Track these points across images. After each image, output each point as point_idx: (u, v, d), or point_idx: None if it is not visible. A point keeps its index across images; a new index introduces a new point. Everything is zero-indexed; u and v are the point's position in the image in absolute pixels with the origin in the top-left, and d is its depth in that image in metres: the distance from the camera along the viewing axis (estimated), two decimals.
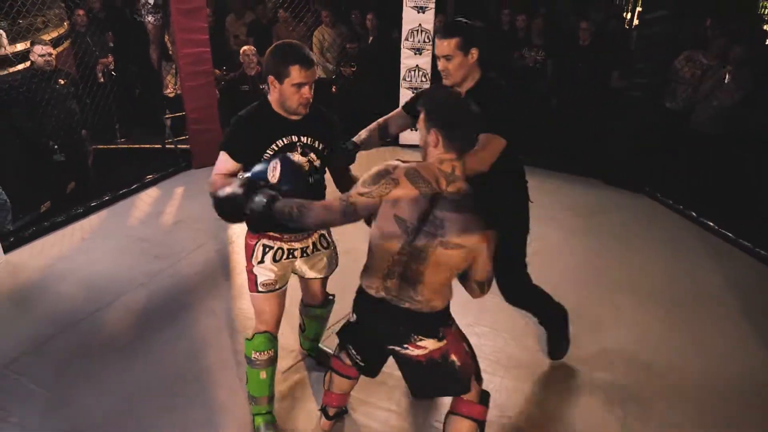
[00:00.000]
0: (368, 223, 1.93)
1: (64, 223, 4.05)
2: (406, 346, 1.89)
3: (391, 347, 1.94)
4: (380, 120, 2.53)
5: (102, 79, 5.26)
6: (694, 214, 4.41)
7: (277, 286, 2.24)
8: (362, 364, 2.12)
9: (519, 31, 5.61)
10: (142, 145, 5.63)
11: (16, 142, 4.26)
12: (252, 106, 2.15)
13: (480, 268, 1.85)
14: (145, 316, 3.12)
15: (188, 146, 5.05)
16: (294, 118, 2.09)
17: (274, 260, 2.22)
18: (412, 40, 5.19)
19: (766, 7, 8.37)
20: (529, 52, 5.41)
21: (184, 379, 2.68)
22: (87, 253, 3.74)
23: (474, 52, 2.20)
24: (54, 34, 4.83)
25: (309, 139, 2.13)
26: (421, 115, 1.80)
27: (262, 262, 2.22)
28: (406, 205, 1.75)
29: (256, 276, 2.23)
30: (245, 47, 5.27)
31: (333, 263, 2.44)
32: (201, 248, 3.79)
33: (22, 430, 2.39)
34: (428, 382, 1.98)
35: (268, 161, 1.94)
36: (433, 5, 5.06)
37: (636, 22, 7.66)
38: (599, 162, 5.01)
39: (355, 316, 2.01)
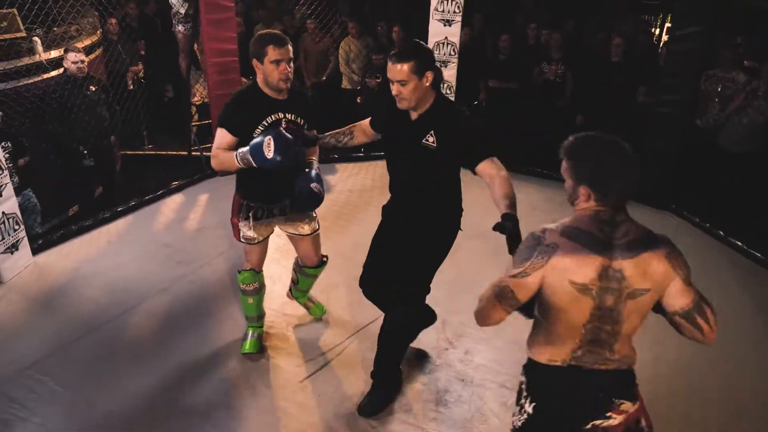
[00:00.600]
0: (528, 314, 1.68)
1: (91, 227, 4.12)
2: (608, 415, 1.58)
3: (589, 425, 1.58)
4: (349, 126, 2.62)
5: (131, 86, 5.38)
6: (721, 233, 4.32)
7: (255, 241, 2.70)
8: None
9: (544, 45, 5.58)
10: (169, 152, 5.72)
11: (48, 146, 4.36)
12: (243, 88, 2.57)
13: (676, 297, 1.56)
14: (168, 321, 3.16)
15: None
16: (279, 97, 2.45)
17: (255, 218, 2.64)
18: (438, 52, 5.19)
19: None
20: (548, 66, 5.37)
21: (205, 383, 2.70)
22: (112, 257, 3.80)
23: (429, 76, 2.18)
24: (87, 42, 4.95)
25: (292, 115, 2.49)
26: (564, 164, 1.60)
27: (246, 219, 2.64)
28: (578, 268, 1.49)
29: (240, 229, 2.68)
30: None
31: (314, 224, 2.80)
32: (222, 255, 3.83)
33: (45, 431, 2.42)
34: None
35: (263, 137, 2.25)
36: (459, 19, 5.07)
37: (665, 37, 7.59)
38: None
39: (532, 404, 1.65)
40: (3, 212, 3.43)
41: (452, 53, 5.15)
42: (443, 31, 5.14)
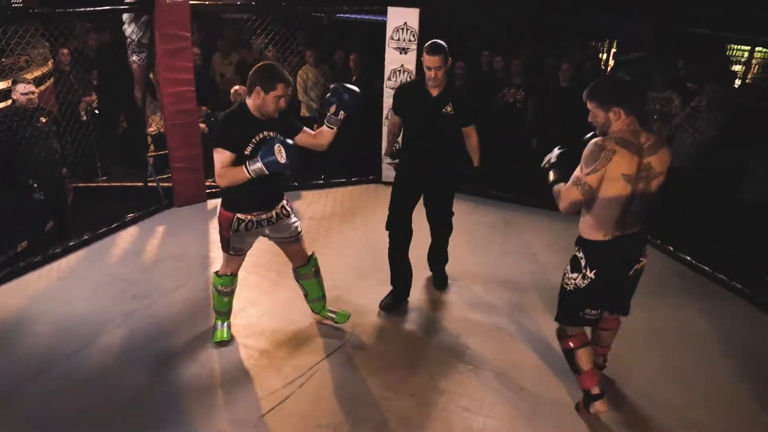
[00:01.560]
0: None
1: (40, 263, 3.97)
2: (641, 258, 2.53)
3: (633, 268, 2.52)
4: (390, 128, 3.67)
5: (85, 117, 5.26)
6: (671, 248, 4.47)
7: (242, 252, 3.03)
8: (597, 318, 2.66)
9: (497, 72, 5.74)
10: (124, 183, 5.60)
11: None
12: (232, 109, 2.83)
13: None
14: (122, 359, 3.05)
15: (171, 184, 5.03)
16: (264, 118, 2.75)
17: (246, 229, 2.90)
18: (394, 80, 5.28)
19: (733, 49, 8.71)
20: (509, 90, 5.52)
21: (164, 426, 2.60)
22: (63, 293, 3.66)
23: (449, 62, 3.20)
24: (37, 73, 4.84)
25: (274, 133, 2.78)
26: (592, 104, 2.41)
27: (237, 231, 2.89)
28: (626, 164, 2.29)
29: (230, 243, 2.94)
30: (237, 87, 5.34)
31: (297, 227, 3.09)
32: (182, 288, 3.74)
33: None
34: (634, 287, 2.65)
35: (269, 148, 2.60)
36: (415, 47, 5.17)
37: (612, 62, 7.92)
38: None
39: (593, 270, 2.47)
40: None
41: (408, 80, 5.23)
42: (399, 59, 5.24)
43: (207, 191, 5.19)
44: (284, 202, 3.03)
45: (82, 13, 4.46)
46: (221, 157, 2.67)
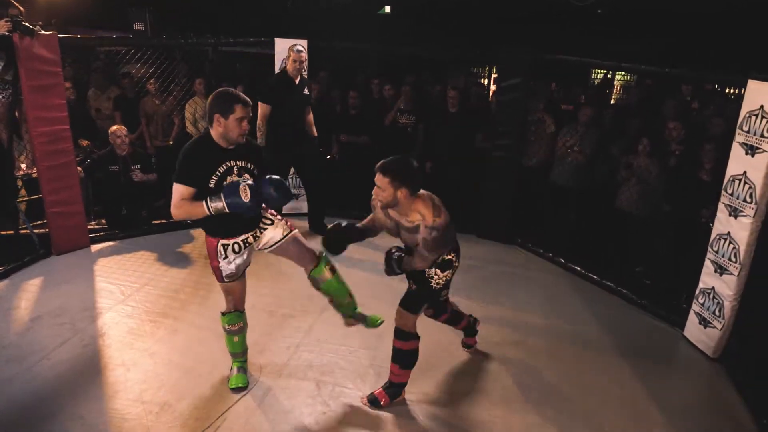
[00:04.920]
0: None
1: None
2: None
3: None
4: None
5: None
6: (562, 260, 4.78)
7: (236, 277, 2.89)
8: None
9: (387, 99, 5.89)
10: None
11: None
12: (194, 140, 2.74)
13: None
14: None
15: (47, 230, 4.60)
16: (230, 147, 2.66)
17: (235, 252, 2.82)
18: None
19: (599, 73, 9.63)
20: (401, 116, 5.68)
21: None
22: None
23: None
24: None
25: (243, 162, 2.71)
26: (386, 181, 2.61)
27: (225, 257, 2.81)
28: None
29: (221, 270, 2.84)
30: (115, 127, 5.03)
31: (285, 227, 2.94)
32: (65, 345, 3.39)
33: None
34: None
35: (234, 187, 2.57)
36: (305, 75, 5.17)
37: (493, 87, 8.42)
38: (472, 218, 5.29)
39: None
40: None
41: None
42: None
43: (90, 236, 4.81)
44: (265, 214, 2.92)
45: None
46: (180, 191, 2.59)
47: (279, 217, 2.98)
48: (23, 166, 4.93)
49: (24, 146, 4.73)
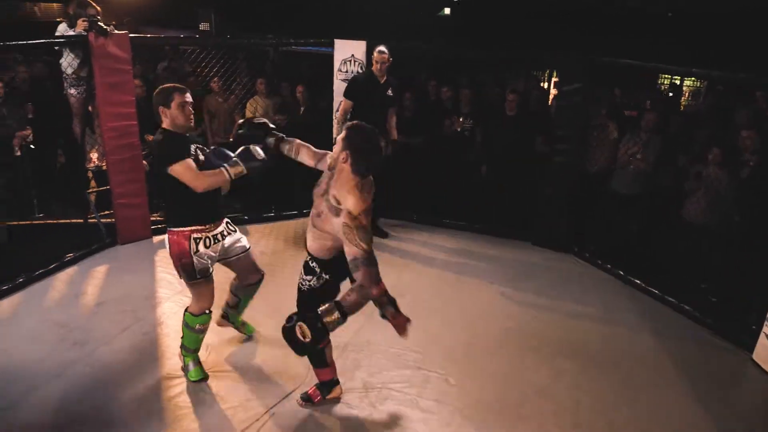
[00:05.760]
0: None
1: None
2: None
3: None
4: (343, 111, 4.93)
5: (19, 152, 5.00)
6: (621, 272, 4.60)
7: (209, 272, 2.97)
8: None
9: (445, 102, 5.84)
10: (63, 221, 5.31)
11: None
12: (164, 136, 2.85)
13: None
14: (63, 411, 2.84)
15: (113, 221, 4.81)
16: (186, 133, 2.89)
17: (206, 246, 2.92)
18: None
19: (666, 79, 9.25)
20: (458, 119, 5.63)
21: None
22: None
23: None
24: None
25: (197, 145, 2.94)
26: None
27: (197, 251, 2.89)
28: None
29: (194, 266, 2.89)
30: None
31: (245, 242, 3.16)
32: (126, 332, 3.54)
33: None
34: None
35: (244, 150, 2.77)
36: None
37: (553, 90, 8.23)
38: (528, 224, 5.18)
39: (326, 275, 2.61)
40: None
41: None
42: None
43: (152, 227, 5.00)
44: (227, 219, 3.11)
45: (15, 45, 4.26)
46: (188, 164, 2.75)
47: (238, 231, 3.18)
48: (94, 158, 5.18)
49: (96, 140, 4.97)
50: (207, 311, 3.03)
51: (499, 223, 5.37)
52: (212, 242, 2.96)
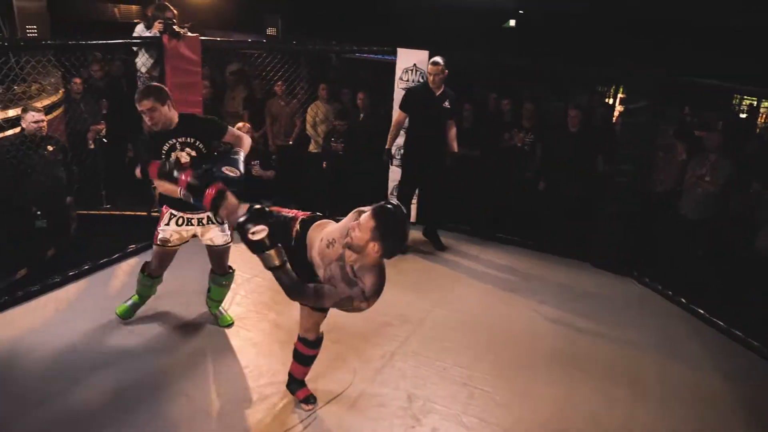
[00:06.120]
0: None
1: (38, 293, 3.88)
2: None
3: None
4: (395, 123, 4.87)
5: (92, 146, 5.26)
6: (683, 300, 4.38)
7: (168, 244, 3.34)
8: None
9: (505, 114, 5.77)
10: (128, 212, 5.54)
11: None
12: (142, 132, 3.33)
13: None
14: (116, 397, 2.94)
15: None
16: (169, 128, 3.14)
17: (177, 224, 3.29)
18: None
19: (737, 98, 8.80)
20: (518, 133, 5.54)
21: None
22: (59, 325, 3.56)
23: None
24: (47, 102, 4.85)
25: (185, 138, 3.16)
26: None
27: (167, 224, 3.30)
28: None
29: (158, 233, 3.31)
30: (241, 123, 5.35)
31: (226, 237, 3.43)
32: (178, 324, 3.65)
33: None
34: None
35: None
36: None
37: (618, 107, 7.99)
38: (586, 244, 5.03)
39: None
40: None
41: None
42: None
43: None
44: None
45: (95, 45, 4.49)
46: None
47: (226, 227, 3.42)
48: None
49: None
50: (148, 275, 3.47)
51: (554, 240, 5.23)
52: (186, 223, 3.31)
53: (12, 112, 4.44)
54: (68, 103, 5.22)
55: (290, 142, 6.24)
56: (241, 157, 3.05)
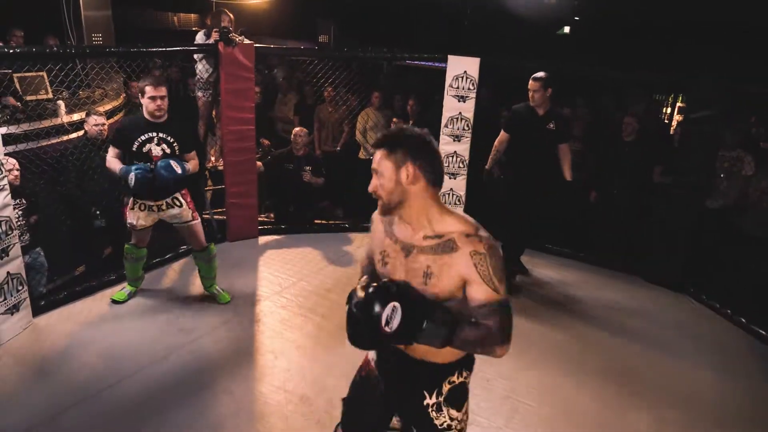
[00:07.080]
0: None
1: (95, 289, 4.06)
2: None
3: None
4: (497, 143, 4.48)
5: None
6: (743, 319, 4.15)
7: (138, 227, 3.69)
8: None
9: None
10: None
11: (61, 207, 4.38)
12: (131, 115, 3.55)
13: None
14: (164, 392, 3.03)
15: (225, 218, 5.11)
16: (157, 121, 3.45)
17: (141, 210, 3.63)
18: (451, 127, 5.25)
19: None
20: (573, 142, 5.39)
21: None
22: (113, 321, 3.71)
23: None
24: (108, 106, 5.07)
25: (165, 134, 3.49)
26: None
27: (132, 209, 3.63)
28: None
29: (127, 216, 3.66)
30: (298, 128, 5.43)
31: (189, 216, 3.74)
32: (226, 324, 3.73)
33: None
34: None
35: (128, 172, 3.38)
36: (474, 96, 5.14)
37: (677, 116, 7.66)
38: (638, 258, 4.84)
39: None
40: (8, 272, 3.39)
41: (466, 128, 5.20)
42: (457, 107, 5.21)
43: (260, 227, 5.24)
44: (178, 195, 3.67)
45: (156, 52, 4.67)
46: (111, 150, 3.52)
47: (191, 204, 3.75)
48: (212, 158, 5.55)
49: (215, 141, 5.32)
50: (133, 244, 3.79)
51: (605, 253, 5.06)
52: (148, 209, 3.63)
53: (76, 116, 4.67)
54: (129, 108, 5.45)
55: (337, 149, 6.29)
56: (187, 166, 3.55)
